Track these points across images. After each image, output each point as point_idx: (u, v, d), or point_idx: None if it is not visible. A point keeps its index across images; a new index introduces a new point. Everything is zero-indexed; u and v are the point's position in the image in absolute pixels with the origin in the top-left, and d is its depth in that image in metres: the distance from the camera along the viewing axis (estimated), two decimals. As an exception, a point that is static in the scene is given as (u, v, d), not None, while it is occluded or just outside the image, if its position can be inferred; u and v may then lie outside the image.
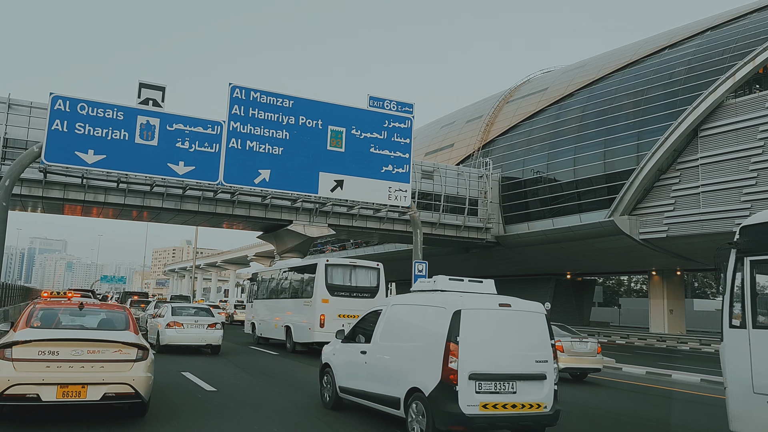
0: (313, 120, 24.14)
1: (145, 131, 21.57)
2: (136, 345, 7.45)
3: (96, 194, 32.24)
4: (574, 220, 38.61)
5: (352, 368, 9.07)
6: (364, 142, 25.02)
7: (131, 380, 7.19)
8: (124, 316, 8.52)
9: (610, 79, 39.69)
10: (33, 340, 7.02)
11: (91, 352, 7.10)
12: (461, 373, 7.00)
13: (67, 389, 6.88)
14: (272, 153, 23.33)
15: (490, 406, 7.02)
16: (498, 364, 7.22)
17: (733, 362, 7.20)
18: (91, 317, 8.46)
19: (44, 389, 6.80)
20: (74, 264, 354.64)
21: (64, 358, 6.96)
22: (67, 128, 20.51)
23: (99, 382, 7.04)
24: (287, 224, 36.93)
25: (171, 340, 16.92)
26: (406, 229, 40.01)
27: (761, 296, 7.20)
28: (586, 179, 38.30)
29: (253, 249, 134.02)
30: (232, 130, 22.85)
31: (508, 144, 45.59)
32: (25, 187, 30.89)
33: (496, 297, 7.91)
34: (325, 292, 18.08)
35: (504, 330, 7.50)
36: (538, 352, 7.51)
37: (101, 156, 20.93)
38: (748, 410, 6.93)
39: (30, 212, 37.15)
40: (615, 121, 37.14)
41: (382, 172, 25.30)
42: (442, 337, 7.22)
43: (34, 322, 7.88)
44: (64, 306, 8.63)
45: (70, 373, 6.93)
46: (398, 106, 25.99)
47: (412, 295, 8.82)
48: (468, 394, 6.97)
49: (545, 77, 48.91)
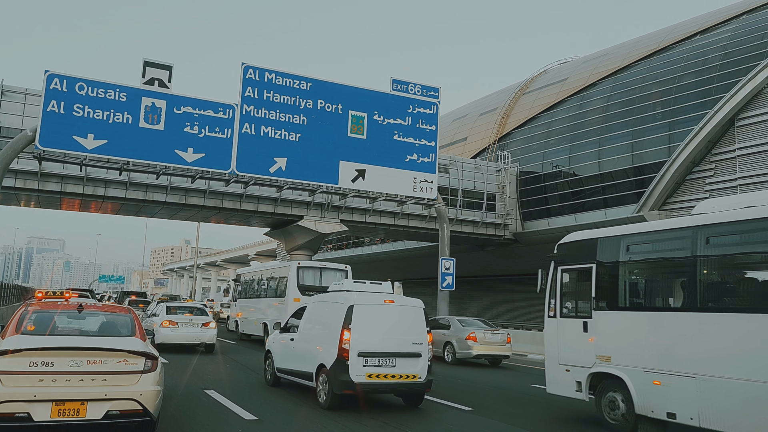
0: (333, 104, 22.22)
1: (151, 114, 19.62)
2: (143, 354, 6.56)
3: (95, 187, 30.22)
4: (599, 216, 36.65)
5: (284, 352, 11.31)
6: (387, 129, 23.10)
7: (138, 395, 6.33)
8: (129, 320, 7.56)
9: (636, 67, 37.75)
10: (23, 350, 6.14)
11: (91, 362, 6.26)
12: (352, 352, 9.23)
13: (63, 407, 6.05)
14: (289, 139, 21.40)
15: (373, 376, 9.31)
16: (381, 345, 9.47)
17: (548, 342, 10.37)
18: (92, 321, 7.52)
19: (36, 407, 5.95)
20: (72, 264, 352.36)
21: (61, 370, 6.11)
22: (65, 110, 18.56)
23: (101, 397, 6.18)
24: (297, 220, 34.94)
25: (166, 338, 17.07)
26: (421, 226, 38.08)
27: (566, 295, 10.33)
28: (611, 173, 36.36)
29: (254, 248, 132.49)
30: (246, 114, 20.91)
31: (525, 137, 43.64)
32: (19, 179, 28.86)
33: (385, 295, 10.06)
34: (296, 292, 19.72)
35: (387, 320, 9.78)
36: (414, 337, 9.77)
37: (102, 141, 18.98)
38: (556, 376, 10.05)
39: (23, 207, 35.11)
40: (643, 111, 35.19)
41: (406, 162, 23.41)
42: (339, 325, 9.42)
43: (25, 327, 6.94)
44: (60, 308, 7.65)
45: (68, 387, 6.11)
46: (423, 90, 24.08)
47: (327, 294, 11.09)
48: (357, 368, 9.21)
49: (564, 67, 46.98)
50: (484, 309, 49.59)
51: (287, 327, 11.70)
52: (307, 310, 11.12)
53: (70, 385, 6.12)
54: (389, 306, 9.86)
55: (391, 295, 10.18)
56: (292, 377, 10.98)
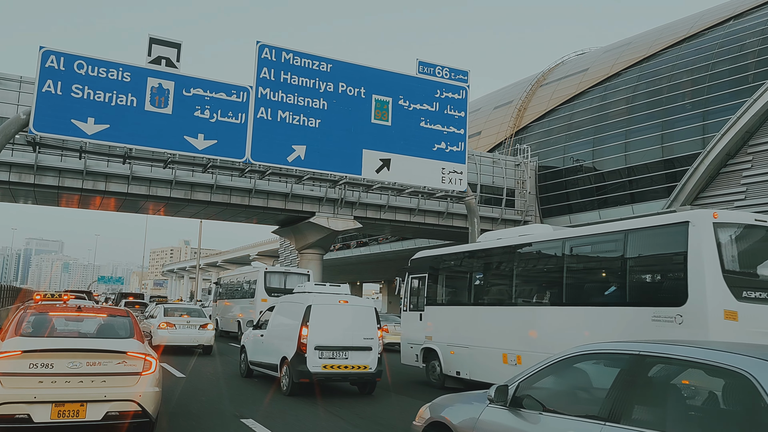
0: (355, 88, 20.36)
1: (157, 96, 17.77)
2: (142, 355, 6.67)
3: (95, 181, 28.35)
4: (626, 212, 34.76)
5: (256, 347, 12.48)
6: (413, 115, 21.25)
7: (137, 396, 6.43)
8: (127, 322, 7.62)
9: (663, 55, 35.91)
10: (23, 351, 6.22)
11: (91, 364, 6.35)
12: (309, 346, 10.46)
13: (63, 408, 6.15)
14: (308, 126, 19.55)
15: (328, 367, 10.55)
16: (335, 339, 10.69)
17: (403, 328, 15.13)
18: (91, 323, 7.58)
19: (36, 408, 6.06)
20: (71, 265, 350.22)
21: (60, 371, 6.21)
22: (62, 90, 16.69)
23: (100, 399, 6.28)
24: (309, 216, 33.10)
25: (163, 340, 16.99)
26: (438, 222, 36.26)
27: (412, 295, 14.65)
28: (639, 166, 34.53)
29: (256, 248, 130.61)
30: (261, 98, 19.05)
31: (544, 130, 41.80)
32: (14, 173, 26.98)
33: (341, 296, 11.32)
34: (264, 293, 21.72)
35: (342, 318, 10.95)
36: (366, 333, 10.95)
37: (103, 126, 17.12)
38: (406, 352, 14.45)
39: (21, 204, 33.19)
40: (673, 101, 33.36)
41: (434, 151, 21.57)
42: (299, 322, 10.64)
43: (24, 329, 6.97)
44: (59, 311, 7.69)
45: (67, 389, 6.20)
46: (451, 73, 22.22)
47: (291, 295, 12.53)
48: (313, 359, 10.45)
49: (583, 58, 45.16)
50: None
51: (259, 324, 13.11)
52: (275, 309, 12.46)
53: (69, 387, 6.17)
54: (343, 306, 11.16)
55: (346, 296, 11.54)
56: (261, 369, 12.25)
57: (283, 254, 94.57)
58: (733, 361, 3.24)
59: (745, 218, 9.12)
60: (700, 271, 8.44)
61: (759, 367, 3.08)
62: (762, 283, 8.64)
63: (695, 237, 8.59)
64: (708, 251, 8.45)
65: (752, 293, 8.47)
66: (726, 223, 8.78)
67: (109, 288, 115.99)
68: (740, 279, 8.55)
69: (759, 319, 8.25)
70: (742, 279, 8.58)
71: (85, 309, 7.77)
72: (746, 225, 9.05)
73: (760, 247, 9.15)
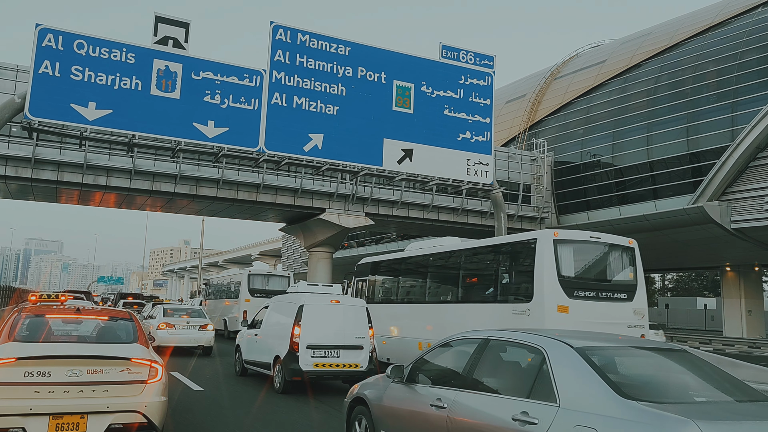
0: (375, 73, 18.98)
1: (164, 80, 16.38)
2: (147, 362, 6.08)
3: (96, 176, 26.96)
4: (648, 208, 33.44)
5: (250, 346, 12.78)
6: (436, 102, 19.86)
7: (143, 406, 5.86)
8: (130, 325, 7.02)
9: (687, 45, 34.51)
10: (17, 358, 5.61)
11: (92, 372, 5.78)
12: (301, 344, 10.76)
13: (61, 420, 5.60)
14: (325, 113, 18.16)
15: (320, 365, 10.82)
16: (327, 338, 10.99)
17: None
18: (90, 326, 7.09)
19: (32, 421, 5.50)
20: (70, 265, 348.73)
21: (58, 380, 5.63)
22: (60, 72, 15.29)
23: (102, 410, 5.73)
24: (318, 213, 31.71)
25: (163, 341, 16.84)
26: (453, 219, 34.86)
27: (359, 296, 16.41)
28: (663, 160, 33.13)
29: (257, 248, 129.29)
30: (275, 82, 17.66)
31: (560, 124, 40.42)
32: (10, 166, 25.59)
33: (333, 296, 11.66)
34: (247, 294, 23.27)
35: (333, 317, 11.24)
36: (357, 332, 11.28)
37: (106, 111, 15.73)
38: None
39: (19, 200, 31.77)
40: (698, 93, 31.98)
41: (458, 141, 20.17)
42: (291, 322, 10.98)
43: (18, 333, 6.34)
44: (56, 313, 7.03)
45: (66, 399, 5.64)
46: (476, 58, 20.80)
47: (284, 295, 13.01)
48: (305, 358, 10.73)
49: (599, 50, 43.74)
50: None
51: (254, 324, 13.09)
52: (268, 309, 12.64)
53: (68, 397, 5.71)
54: (335, 305, 11.29)
55: (338, 295, 11.71)
56: (255, 368, 12.42)
57: (286, 254, 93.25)
58: (535, 340, 4.51)
59: (581, 236, 11.56)
60: (541, 276, 10.94)
61: (549, 344, 4.37)
62: (589, 285, 11.26)
63: (540, 251, 11.11)
64: (548, 261, 10.95)
65: (581, 293, 11.02)
66: (564, 240, 11.25)
67: (108, 288, 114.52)
68: (572, 282, 11.01)
69: (585, 311, 10.74)
70: (574, 282, 11.05)
71: (84, 311, 7.17)
72: (581, 241, 11.51)
73: (590, 258, 11.79)
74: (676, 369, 4.46)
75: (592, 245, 11.67)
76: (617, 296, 11.39)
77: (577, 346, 4.29)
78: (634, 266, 11.75)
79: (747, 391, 4.20)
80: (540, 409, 4.05)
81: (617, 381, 3.93)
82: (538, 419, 4.00)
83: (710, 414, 3.68)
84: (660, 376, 4.41)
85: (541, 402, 4.09)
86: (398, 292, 15.80)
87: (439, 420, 4.86)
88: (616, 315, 11.04)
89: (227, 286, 26.93)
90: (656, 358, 4.60)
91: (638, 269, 11.77)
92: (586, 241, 11.54)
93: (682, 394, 4.17)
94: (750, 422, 3.61)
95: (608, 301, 11.22)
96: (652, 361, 4.57)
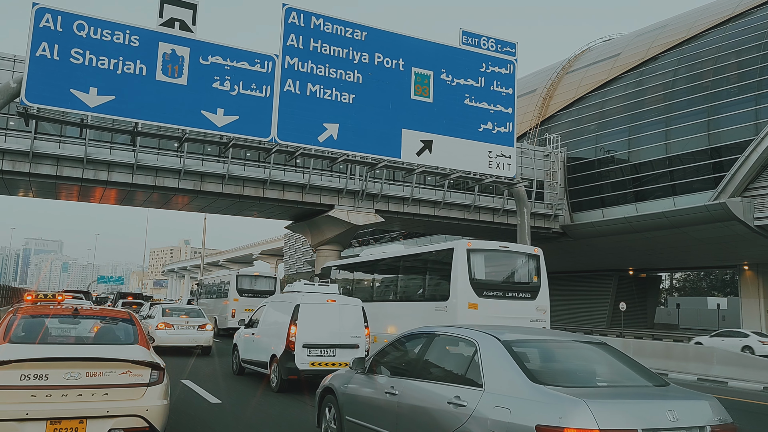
0: (393, 59, 17.92)
1: (170, 64, 15.31)
2: (149, 364, 5.82)
3: (97, 170, 25.95)
4: (667, 205, 32.42)
5: (247, 345, 12.89)
6: (456, 91, 18.82)
7: (144, 411, 5.64)
8: (131, 326, 6.68)
9: (707, 36, 33.46)
10: (13, 361, 5.35)
11: (91, 375, 5.55)
12: (297, 343, 10.72)
13: (59, 425, 5.37)
14: (341, 101, 17.12)
15: (316, 364, 10.79)
16: (323, 338, 10.98)
17: None
18: (89, 327, 6.68)
19: (29, 426, 5.29)
20: (70, 265, 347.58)
21: (56, 383, 5.41)
22: (59, 55, 14.22)
23: (102, 414, 5.50)
24: (327, 210, 30.72)
25: (162, 341, 16.81)
26: (464, 217, 33.83)
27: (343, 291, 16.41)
28: (682, 156, 32.08)
29: (258, 247, 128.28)
30: (288, 69, 16.60)
31: (573, 119, 39.38)
32: (7, 160, 24.58)
33: (329, 295, 11.71)
34: (236, 294, 24.59)
35: (329, 316, 11.24)
36: (353, 331, 11.29)
37: (108, 97, 14.66)
38: None
39: (17, 196, 30.70)
40: (719, 85, 30.95)
41: (480, 131, 19.12)
42: (288, 321, 10.97)
43: (14, 335, 6.04)
44: (53, 313, 6.67)
45: (64, 403, 5.40)
46: (497, 45, 19.76)
47: (281, 294, 13.47)
48: (301, 357, 10.71)
49: (612, 43, 42.71)
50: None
51: (251, 323, 13.09)
52: (265, 309, 12.69)
53: (67, 401, 5.46)
54: (331, 305, 11.31)
55: (334, 295, 11.82)
56: (252, 366, 12.42)
57: (288, 253, 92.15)
58: (471, 335, 5.17)
59: (490, 245, 13.71)
60: (455, 279, 12.89)
61: (481, 338, 5.01)
62: (496, 286, 13.26)
63: (455, 257, 13.04)
64: (461, 267, 12.91)
65: (489, 292, 12.98)
66: (476, 249, 13.30)
67: (108, 288, 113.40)
68: (481, 284, 13.03)
69: (492, 308, 12.74)
70: (483, 283, 13.05)
71: (82, 311, 6.91)
72: (490, 249, 13.63)
73: (499, 264, 13.80)
74: (591, 359, 5.00)
75: (501, 253, 13.83)
76: (522, 295, 13.48)
77: (504, 339, 4.82)
78: (538, 270, 13.66)
79: (652, 378, 4.72)
80: (469, 393, 4.62)
81: (532, 369, 4.48)
82: (467, 402, 4.57)
83: (602, 395, 4.29)
84: (573, 365, 4.95)
85: (471, 387, 4.66)
86: (352, 292, 17.28)
87: (391, 405, 5.47)
88: (520, 311, 13.09)
89: (218, 286, 28.03)
90: (575, 350, 5.16)
91: (542, 273, 13.64)
92: (495, 250, 13.68)
93: (587, 380, 4.75)
94: (636, 401, 4.22)
95: (513, 300, 13.32)
96: (570, 352, 5.14)
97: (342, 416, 6.26)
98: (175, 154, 27.40)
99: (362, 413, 5.94)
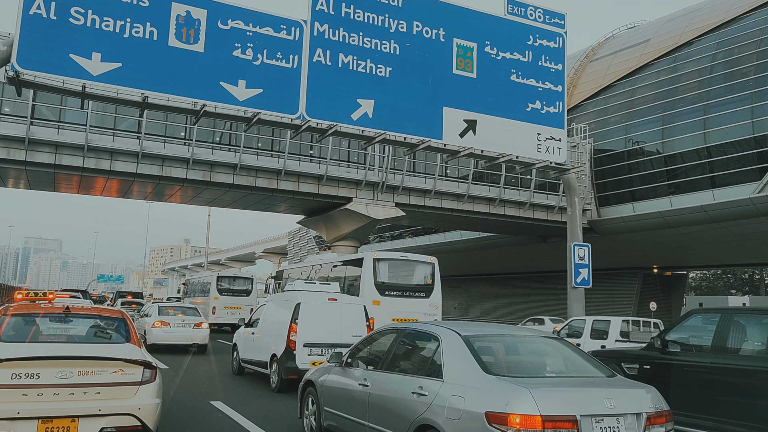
0: (433, 29, 15.97)
1: (185, 29, 13.35)
2: (141, 363, 5.85)
3: (99, 159, 23.94)
4: (705, 198, 30.40)
5: (247, 345, 12.73)
6: (502, 66, 16.87)
7: (136, 409, 5.65)
8: (122, 324, 6.73)
9: (747, 18, 31.42)
10: (3, 360, 5.34)
11: (83, 373, 5.55)
12: (298, 343, 10.62)
13: (51, 424, 5.37)
14: (377, 74, 15.20)
15: (317, 363, 9.85)
16: (324, 337, 10.85)
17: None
18: (80, 326, 6.69)
19: (20, 425, 5.28)
20: (69, 263, 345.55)
21: (48, 382, 5.42)
22: (56, 14, 12.22)
23: (94, 413, 5.51)
24: (344, 203, 28.71)
25: (158, 339, 16.93)
26: (489, 211, 31.85)
27: None
28: (722, 145, 30.06)
29: (261, 245, 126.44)
30: (318, 36, 14.64)
31: (599, 109, 37.35)
32: (0, 147, 22.55)
33: (330, 294, 11.53)
34: (216, 293, 26.65)
35: (330, 315, 11.13)
36: (355, 330, 11.03)
37: (114, 64, 12.68)
38: None
39: (11, 188, 28.69)
40: (764, 69, 28.91)
41: (527, 111, 17.18)
42: (288, 320, 10.88)
43: (4, 333, 6.12)
44: (44, 311, 6.70)
45: (56, 402, 5.42)
46: (545, 15, 17.81)
47: (281, 293, 13.47)
48: (302, 356, 10.59)
49: (638, 30, 40.70)
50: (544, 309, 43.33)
51: (251, 322, 13.00)
52: (265, 308, 12.55)
53: (58, 400, 5.44)
54: (332, 303, 11.24)
55: (335, 294, 11.63)
56: (252, 366, 12.28)
57: (291, 251, 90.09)
58: (435, 330, 5.56)
59: (394, 255, 17.07)
60: (363, 282, 16.15)
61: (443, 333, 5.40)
62: (396, 287, 16.27)
63: (364, 265, 16.32)
64: (368, 272, 16.16)
65: (390, 292, 16.10)
66: (381, 258, 16.55)
67: (108, 287, 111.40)
68: (383, 285, 16.14)
69: (392, 305, 15.76)
70: (384, 285, 16.15)
71: (74, 309, 6.90)
72: (393, 258, 16.84)
73: (399, 270, 16.73)
74: (546, 352, 5.56)
75: (402, 261, 16.92)
76: (417, 295, 16.48)
77: (465, 334, 5.29)
78: (433, 275, 16.70)
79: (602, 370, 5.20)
80: (431, 384, 5.09)
81: (487, 361, 4.95)
82: (428, 392, 5.04)
83: (546, 384, 4.80)
84: (527, 358, 5.47)
85: (433, 378, 5.13)
86: None
87: (363, 396, 5.90)
88: (415, 307, 16.00)
89: (202, 286, 29.94)
90: (532, 344, 5.68)
91: (436, 277, 16.70)
92: (397, 259, 16.88)
93: (537, 371, 5.32)
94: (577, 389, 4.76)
95: (410, 298, 16.28)
96: (527, 346, 5.64)
97: (321, 407, 6.70)
98: (183, 142, 25.43)
99: (338, 403, 6.38)
